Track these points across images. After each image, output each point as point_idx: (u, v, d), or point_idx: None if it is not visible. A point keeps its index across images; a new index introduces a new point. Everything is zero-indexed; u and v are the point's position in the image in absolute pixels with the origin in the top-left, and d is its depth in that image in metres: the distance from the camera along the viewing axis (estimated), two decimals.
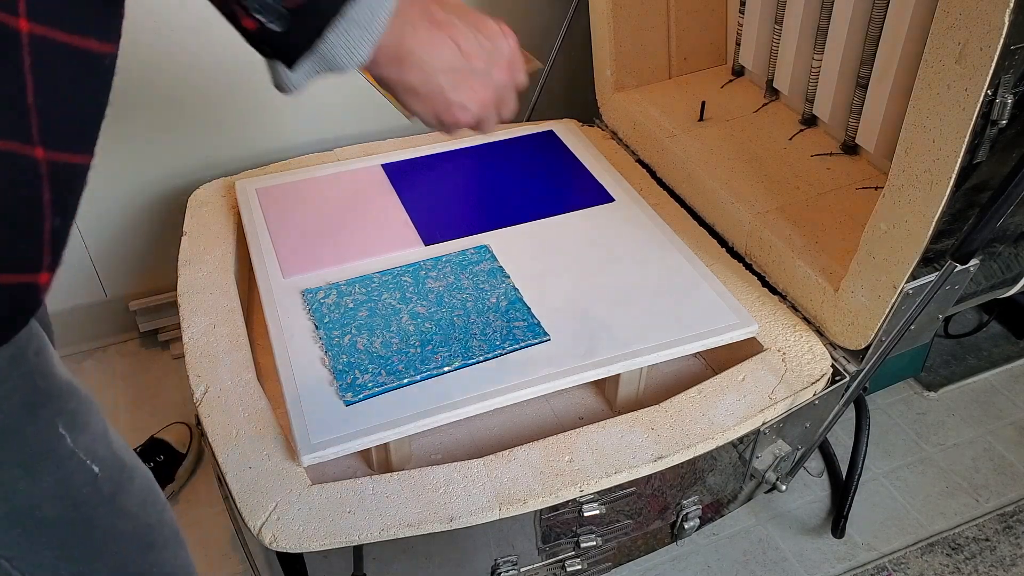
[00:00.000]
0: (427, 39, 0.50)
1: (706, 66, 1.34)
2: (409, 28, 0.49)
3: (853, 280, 0.89)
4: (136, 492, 0.52)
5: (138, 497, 0.53)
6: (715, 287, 0.96)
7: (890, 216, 0.82)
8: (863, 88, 1.05)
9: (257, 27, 0.44)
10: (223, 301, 0.97)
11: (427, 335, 0.89)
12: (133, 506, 0.52)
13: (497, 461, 0.82)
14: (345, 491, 0.79)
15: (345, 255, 1.01)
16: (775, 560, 1.08)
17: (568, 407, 0.95)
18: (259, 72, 1.22)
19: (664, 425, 0.85)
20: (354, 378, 0.84)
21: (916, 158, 0.78)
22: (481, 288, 0.95)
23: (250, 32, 0.45)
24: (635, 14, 1.23)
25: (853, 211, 1.03)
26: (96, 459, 0.48)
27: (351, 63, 0.46)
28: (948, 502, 1.15)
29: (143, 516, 0.53)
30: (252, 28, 0.44)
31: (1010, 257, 0.99)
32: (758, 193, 1.07)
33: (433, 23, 0.51)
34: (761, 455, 0.94)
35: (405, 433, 0.80)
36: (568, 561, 0.90)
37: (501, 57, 0.55)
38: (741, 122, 1.21)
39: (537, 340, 0.88)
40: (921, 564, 1.07)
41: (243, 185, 1.13)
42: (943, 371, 1.32)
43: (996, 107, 0.71)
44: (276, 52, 0.45)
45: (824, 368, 0.91)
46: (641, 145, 1.24)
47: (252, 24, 0.44)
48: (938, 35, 0.72)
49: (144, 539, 0.54)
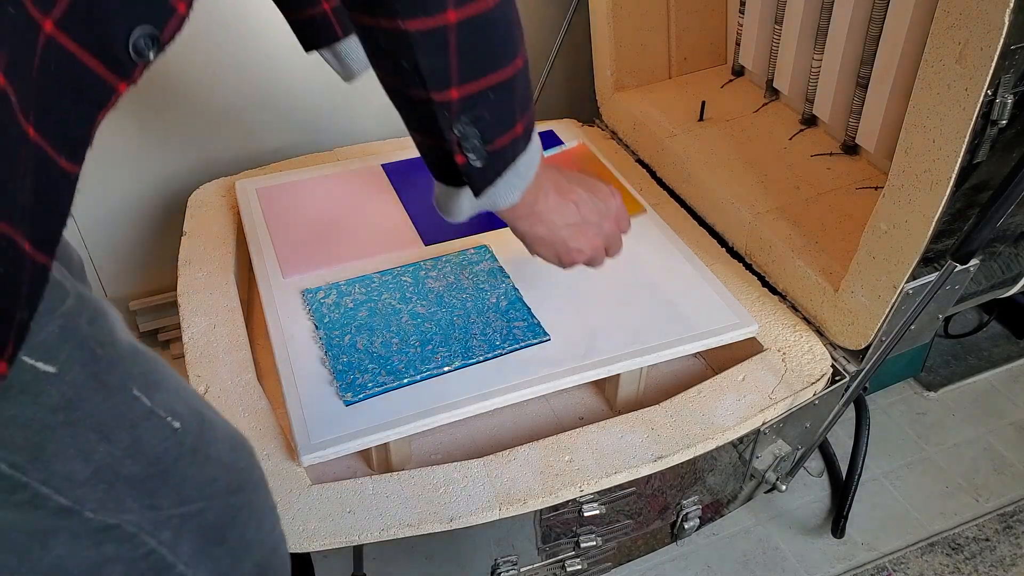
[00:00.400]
0: (555, 203, 0.69)
1: (706, 66, 1.34)
2: (542, 194, 0.68)
3: (853, 280, 0.89)
4: (221, 440, 0.54)
5: (224, 444, 0.55)
6: (715, 287, 0.96)
7: (890, 216, 0.82)
8: (863, 88, 1.05)
9: (465, 162, 0.59)
10: (223, 301, 0.97)
11: (427, 335, 0.89)
12: (222, 453, 0.54)
13: (497, 461, 0.82)
14: (345, 491, 0.79)
15: (345, 255, 1.01)
16: (775, 560, 1.08)
17: (568, 407, 0.95)
18: (259, 72, 1.23)
19: (664, 425, 0.85)
20: (354, 378, 0.84)
21: (916, 158, 0.78)
22: (481, 288, 0.95)
23: (457, 165, 0.60)
24: (635, 14, 1.23)
25: (853, 211, 1.03)
26: (175, 415, 0.50)
27: (505, 202, 0.64)
28: (948, 502, 1.15)
29: (233, 462, 0.56)
30: (461, 163, 0.60)
31: (1010, 257, 0.99)
32: (758, 193, 1.07)
33: (559, 190, 0.69)
34: (761, 455, 0.94)
35: (405, 433, 0.80)
36: (568, 561, 0.90)
37: (609, 213, 0.74)
38: (741, 122, 1.21)
39: (537, 340, 0.88)
40: (921, 564, 1.07)
41: (243, 185, 1.13)
42: (943, 371, 1.32)
43: (996, 107, 0.71)
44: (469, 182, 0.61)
45: (824, 368, 0.91)
46: (641, 145, 1.24)
47: (463, 159, 0.59)
48: (938, 35, 0.72)
49: (233, 483, 0.56)
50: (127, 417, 0.47)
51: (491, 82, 0.57)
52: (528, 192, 0.65)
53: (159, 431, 0.49)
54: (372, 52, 0.56)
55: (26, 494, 0.43)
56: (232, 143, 1.27)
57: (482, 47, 0.55)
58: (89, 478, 0.46)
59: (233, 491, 0.56)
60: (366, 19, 0.53)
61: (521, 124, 0.62)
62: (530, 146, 0.64)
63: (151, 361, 0.50)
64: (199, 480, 0.53)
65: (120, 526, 0.49)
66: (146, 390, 0.48)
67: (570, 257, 0.74)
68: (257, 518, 0.59)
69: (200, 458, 0.52)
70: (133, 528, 0.49)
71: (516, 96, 0.60)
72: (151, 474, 0.49)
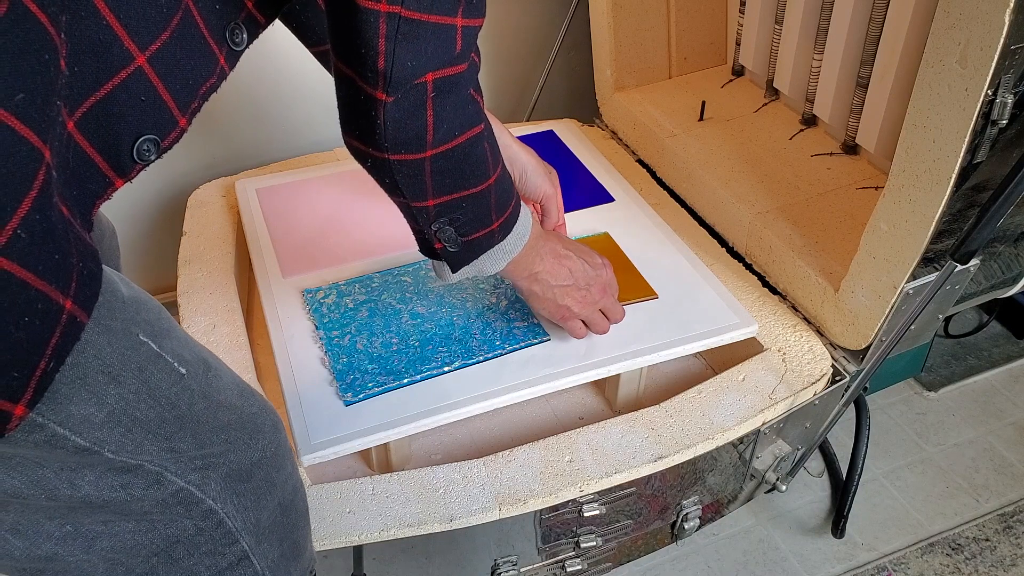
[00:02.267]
0: (551, 266, 0.80)
1: (706, 66, 1.34)
2: (539, 258, 0.78)
3: (853, 280, 0.89)
4: (228, 386, 0.57)
5: (233, 390, 0.58)
6: (715, 287, 0.96)
7: (890, 216, 0.82)
8: (863, 88, 1.05)
9: (442, 247, 0.70)
10: (223, 301, 0.97)
11: (427, 335, 0.89)
12: (231, 398, 0.57)
13: (497, 461, 0.82)
14: (345, 491, 0.79)
15: (345, 255, 1.01)
16: (775, 560, 1.08)
17: (568, 407, 0.95)
18: (260, 73, 1.23)
19: (664, 425, 0.85)
20: (354, 378, 0.84)
21: (916, 158, 0.78)
22: (481, 288, 0.95)
23: (435, 250, 0.71)
24: (635, 14, 1.23)
25: (853, 211, 1.03)
26: (183, 361, 0.52)
27: (492, 271, 0.74)
28: (948, 502, 1.15)
29: (244, 407, 0.59)
30: (439, 248, 0.70)
31: (1010, 257, 0.99)
32: (758, 193, 1.07)
33: (556, 256, 0.80)
34: (761, 455, 0.94)
35: (405, 433, 0.80)
36: (568, 561, 0.90)
37: (600, 280, 0.84)
38: (741, 122, 1.21)
39: (537, 340, 0.88)
40: (921, 564, 1.07)
41: (243, 185, 1.13)
42: (943, 371, 1.32)
43: (996, 107, 0.71)
44: (448, 261, 0.72)
45: (824, 368, 0.91)
46: (641, 145, 1.24)
47: (440, 245, 0.70)
48: (938, 35, 0.72)
49: (249, 426, 0.58)
50: (134, 360, 0.49)
51: (464, 195, 0.66)
52: (523, 258, 0.76)
53: (167, 375, 0.51)
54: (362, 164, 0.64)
55: (44, 434, 0.45)
56: (232, 143, 1.27)
57: (454, 172, 0.64)
58: (105, 420, 0.48)
59: (251, 434, 0.58)
60: (358, 144, 0.61)
61: (498, 221, 0.71)
62: (515, 228, 0.73)
63: (156, 311, 0.53)
64: (214, 424, 0.55)
65: (143, 466, 0.51)
66: (153, 337, 0.51)
67: (561, 313, 0.83)
68: (279, 461, 0.62)
69: (212, 403, 0.55)
70: (156, 467, 0.51)
71: (490, 202, 0.69)
72: (166, 419, 0.51)
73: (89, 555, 0.53)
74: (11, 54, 0.39)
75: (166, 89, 0.50)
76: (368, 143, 0.60)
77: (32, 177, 0.40)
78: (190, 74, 0.52)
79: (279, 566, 0.64)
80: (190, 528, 0.56)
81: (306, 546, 0.69)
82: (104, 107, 0.47)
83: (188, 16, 0.50)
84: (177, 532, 0.55)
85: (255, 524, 0.60)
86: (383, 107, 0.56)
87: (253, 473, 0.59)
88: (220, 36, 0.54)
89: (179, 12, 0.49)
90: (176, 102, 0.51)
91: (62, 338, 0.43)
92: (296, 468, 0.66)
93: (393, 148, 0.60)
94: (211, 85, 0.54)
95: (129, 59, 0.47)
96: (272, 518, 0.62)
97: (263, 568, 0.62)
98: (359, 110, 0.58)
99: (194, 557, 0.57)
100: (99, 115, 0.46)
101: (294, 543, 0.66)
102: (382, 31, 0.53)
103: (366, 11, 0.52)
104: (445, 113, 0.60)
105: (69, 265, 0.43)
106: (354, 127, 0.61)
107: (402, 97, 0.56)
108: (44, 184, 0.41)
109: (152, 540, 0.55)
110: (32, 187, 0.40)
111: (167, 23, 0.49)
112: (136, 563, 0.55)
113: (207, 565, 0.58)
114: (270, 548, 0.62)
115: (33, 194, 0.40)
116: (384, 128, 0.58)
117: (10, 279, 0.39)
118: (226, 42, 0.54)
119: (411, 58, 0.55)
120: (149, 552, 0.55)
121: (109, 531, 0.53)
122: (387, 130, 0.58)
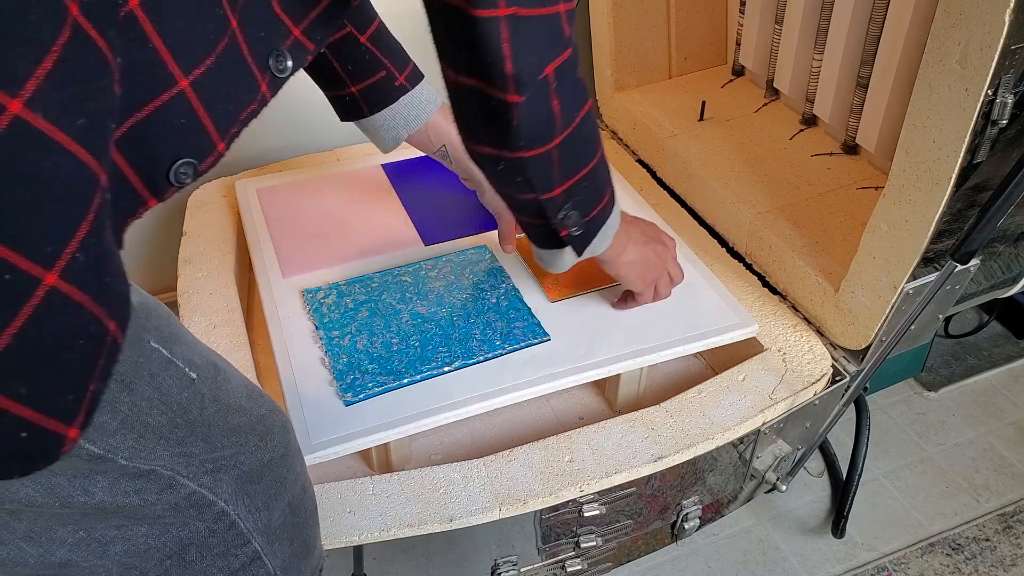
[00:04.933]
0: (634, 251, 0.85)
1: (706, 66, 1.34)
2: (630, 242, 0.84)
3: (853, 280, 0.89)
4: (237, 388, 0.58)
5: (242, 392, 0.58)
6: (715, 287, 0.96)
7: (890, 216, 0.82)
8: (863, 88, 1.05)
9: (567, 233, 0.73)
10: (223, 301, 0.97)
11: (427, 335, 0.89)
12: (240, 401, 0.57)
13: (497, 461, 0.82)
14: (345, 491, 0.79)
15: (345, 255, 1.01)
16: (775, 560, 1.08)
17: (568, 407, 0.95)
18: None
19: (664, 425, 0.85)
20: (354, 378, 0.84)
21: (916, 158, 0.78)
22: (481, 288, 0.95)
23: (561, 238, 0.74)
24: (635, 14, 1.23)
25: (853, 211, 1.03)
26: (193, 366, 0.53)
27: (600, 250, 0.78)
28: (948, 502, 1.15)
29: (253, 408, 0.59)
30: (565, 235, 0.73)
31: (1010, 257, 0.99)
32: (758, 193, 1.07)
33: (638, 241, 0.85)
34: (761, 455, 0.94)
35: (405, 433, 0.80)
36: (568, 561, 0.90)
37: (667, 253, 0.91)
38: (741, 122, 1.21)
39: (537, 340, 0.88)
40: (921, 564, 1.07)
41: (243, 185, 1.13)
42: (943, 371, 1.32)
43: (996, 107, 0.71)
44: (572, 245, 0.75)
45: (824, 368, 0.91)
46: (641, 145, 1.24)
47: (566, 232, 0.73)
48: (938, 35, 0.72)
49: (259, 428, 0.59)
50: (146, 367, 0.49)
51: (584, 173, 0.69)
52: (617, 240, 0.80)
53: (179, 381, 0.51)
54: (490, 171, 0.67)
55: None
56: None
57: (576, 153, 0.67)
58: (119, 428, 0.48)
59: (261, 435, 0.59)
60: (489, 150, 0.63)
61: (608, 193, 0.75)
62: (616, 197, 0.77)
63: (165, 316, 0.53)
64: (224, 427, 0.55)
65: (156, 471, 0.51)
66: (163, 342, 0.51)
67: (651, 276, 0.88)
68: (288, 461, 0.62)
69: (222, 407, 0.55)
70: (169, 472, 0.52)
71: (601, 175, 0.72)
72: (178, 423, 0.51)
73: (103, 560, 0.53)
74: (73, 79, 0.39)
75: (207, 114, 0.50)
76: (502, 146, 0.62)
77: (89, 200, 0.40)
78: (232, 99, 0.52)
79: (290, 565, 0.64)
80: (203, 530, 0.56)
81: (315, 544, 0.69)
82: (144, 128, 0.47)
83: (233, 42, 0.50)
84: (190, 535, 0.56)
85: (266, 524, 0.60)
86: (516, 108, 0.58)
87: (264, 474, 0.59)
88: (263, 63, 0.54)
89: (225, 38, 0.49)
90: (216, 127, 0.51)
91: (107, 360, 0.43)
92: (304, 467, 0.66)
93: (528, 145, 0.62)
94: (252, 111, 0.54)
95: (172, 82, 0.47)
96: (283, 518, 0.62)
97: (275, 568, 0.62)
98: (490, 116, 0.59)
99: (207, 559, 0.57)
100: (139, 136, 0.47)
101: (304, 542, 0.66)
102: (504, 35, 0.54)
103: (486, 20, 0.53)
104: (566, 98, 0.61)
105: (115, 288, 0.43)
106: (484, 135, 0.62)
107: (532, 94, 0.58)
108: (100, 208, 0.41)
109: (165, 543, 0.55)
110: (89, 211, 0.40)
111: (212, 48, 0.49)
112: (150, 567, 0.55)
113: (220, 567, 0.58)
114: (281, 548, 0.62)
115: (91, 218, 0.40)
116: (519, 128, 0.60)
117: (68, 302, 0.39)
118: (269, 69, 0.55)
119: (533, 54, 0.56)
120: (163, 555, 0.55)
121: (123, 536, 0.53)
122: (522, 129, 0.60)
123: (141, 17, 0.44)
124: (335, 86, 0.86)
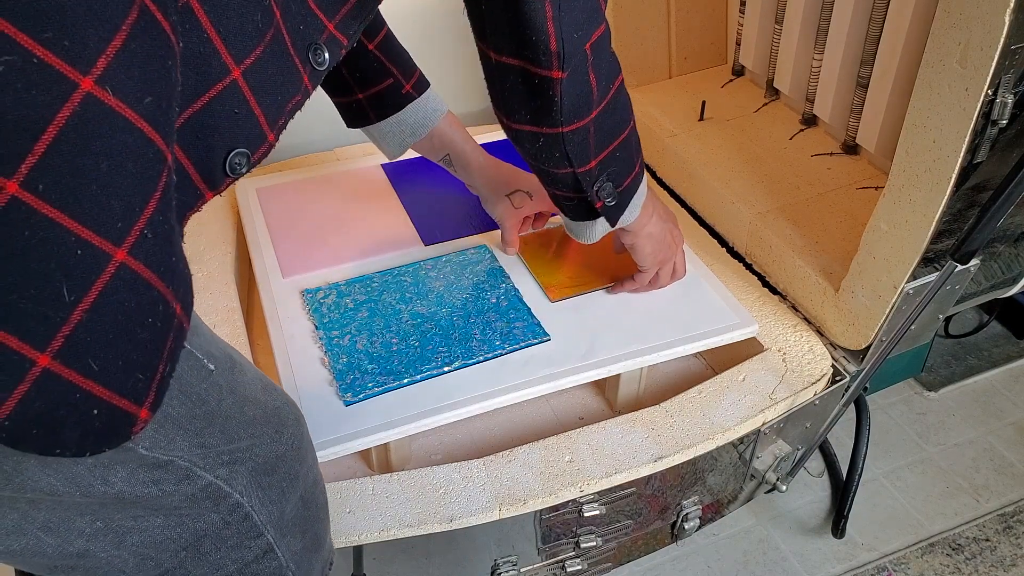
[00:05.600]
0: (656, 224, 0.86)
1: (706, 66, 1.34)
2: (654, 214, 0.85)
3: (853, 280, 0.89)
4: (252, 381, 0.58)
5: (257, 385, 0.59)
6: (715, 287, 0.96)
7: (890, 216, 0.82)
8: (863, 88, 1.05)
9: (602, 205, 0.75)
10: (223, 301, 0.97)
11: (427, 335, 0.89)
12: (255, 393, 0.58)
13: (497, 461, 0.82)
14: (345, 491, 0.79)
15: (345, 255, 1.01)
16: (775, 560, 1.08)
17: (568, 407, 0.95)
18: None
19: (664, 425, 0.85)
20: (354, 378, 0.84)
21: (916, 158, 0.77)
22: (481, 288, 0.95)
23: (595, 209, 0.76)
24: (635, 14, 1.23)
25: (853, 211, 1.03)
26: (211, 358, 0.53)
27: (630, 220, 0.80)
28: (948, 502, 1.15)
29: (268, 401, 0.59)
30: (599, 206, 0.75)
31: (1010, 257, 0.99)
32: (758, 193, 1.07)
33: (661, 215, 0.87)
34: (761, 455, 0.94)
35: (405, 433, 0.80)
36: (568, 561, 0.90)
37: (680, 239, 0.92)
38: (741, 122, 1.21)
39: (537, 340, 0.88)
40: (921, 564, 1.07)
41: (243, 185, 1.13)
42: (943, 371, 1.32)
43: (996, 107, 0.71)
44: (606, 216, 0.77)
45: (824, 368, 0.91)
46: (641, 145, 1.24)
47: (600, 204, 0.75)
48: (938, 35, 0.72)
49: (273, 420, 0.59)
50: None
51: (617, 143, 0.72)
52: (643, 214, 0.82)
53: (197, 372, 0.52)
54: (529, 147, 0.68)
55: None
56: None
57: (611, 124, 0.70)
58: None
59: (276, 428, 0.59)
60: (529, 128, 0.65)
61: (638, 163, 0.77)
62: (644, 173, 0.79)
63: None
64: (241, 419, 0.56)
65: (174, 461, 0.51)
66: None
67: (666, 253, 0.89)
68: (301, 454, 0.63)
69: (239, 398, 0.55)
70: (186, 463, 0.52)
71: (633, 144, 0.75)
72: (196, 414, 0.51)
73: (120, 550, 0.53)
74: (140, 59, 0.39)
75: (257, 104, 0.51)
76: (543, 123, 0.64)
77: (157, 178, 0.41)
78: (279, 90, 0.53)
79: (302, 558, 0.64)
80: (217, 522, 0.56)
81: (326, 539, 0.70)
82: (200, 119, 0.47)
83: (279, 33, 0.51)
84: (205, 526, 0.56)
85: (279, 517, 0.60)
86: (559, 84, 0.61)
87: (278, 466, 0.59)
88: (304, 55, 0.55)
89: (272, 28, 0.50)
90: (266, 117, 0.52)
91: (174, 343, 0.43)
92: (316, 462, 0.66)
93: (568, 120, 0.64)
94: (297, 102, 0.55)
95: (225, 72, 0.48)
96: (295, 511, 0.62)
97: (287, 560, 0.62)
98: (532, 94, 0.62)
99: (221, 551, 0.58)
100: (195, 127, 0.47)
101: (315, 536, 0.67)
102: (549, 14, 0.57)
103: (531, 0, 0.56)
104: (601, 72, 0.64)
105: (180, 270, 0.44)
106: (525, 112, 0.65)
107: (573, 69, 0.61)
108: (166, 186, 0.41)
109: (181, 534, 0.55)
110: (157, 188, 0.40)
111: (262, 38, 0.49)
112: (165, 557, 0.56)
113: (233, 558, 0.59)
114: (293, 541, 0.63)
115: (158, 195, 0.41)
116: (561, 103, 0.62)
117: (137, 279, 0.40)
118: (309, 62, 0.55)
119: (575, 30, 0.59)
120: (178, 546, 0.55)
121: (139, 526, 0.53)
122: (564, 104, 0.63)
123: (196, 7, 0.45)
124: (343, 92, 0.87)
